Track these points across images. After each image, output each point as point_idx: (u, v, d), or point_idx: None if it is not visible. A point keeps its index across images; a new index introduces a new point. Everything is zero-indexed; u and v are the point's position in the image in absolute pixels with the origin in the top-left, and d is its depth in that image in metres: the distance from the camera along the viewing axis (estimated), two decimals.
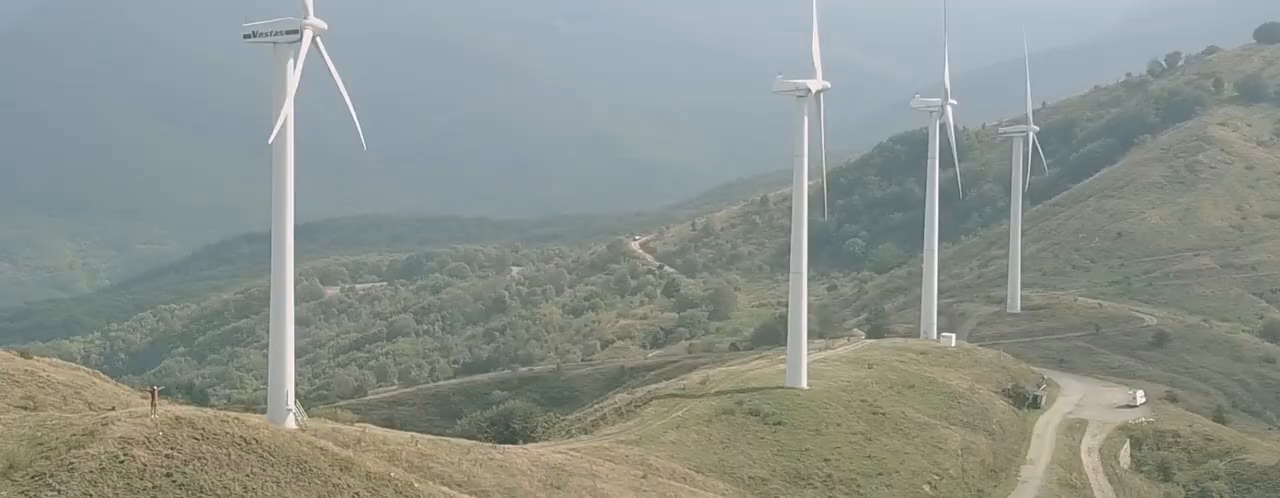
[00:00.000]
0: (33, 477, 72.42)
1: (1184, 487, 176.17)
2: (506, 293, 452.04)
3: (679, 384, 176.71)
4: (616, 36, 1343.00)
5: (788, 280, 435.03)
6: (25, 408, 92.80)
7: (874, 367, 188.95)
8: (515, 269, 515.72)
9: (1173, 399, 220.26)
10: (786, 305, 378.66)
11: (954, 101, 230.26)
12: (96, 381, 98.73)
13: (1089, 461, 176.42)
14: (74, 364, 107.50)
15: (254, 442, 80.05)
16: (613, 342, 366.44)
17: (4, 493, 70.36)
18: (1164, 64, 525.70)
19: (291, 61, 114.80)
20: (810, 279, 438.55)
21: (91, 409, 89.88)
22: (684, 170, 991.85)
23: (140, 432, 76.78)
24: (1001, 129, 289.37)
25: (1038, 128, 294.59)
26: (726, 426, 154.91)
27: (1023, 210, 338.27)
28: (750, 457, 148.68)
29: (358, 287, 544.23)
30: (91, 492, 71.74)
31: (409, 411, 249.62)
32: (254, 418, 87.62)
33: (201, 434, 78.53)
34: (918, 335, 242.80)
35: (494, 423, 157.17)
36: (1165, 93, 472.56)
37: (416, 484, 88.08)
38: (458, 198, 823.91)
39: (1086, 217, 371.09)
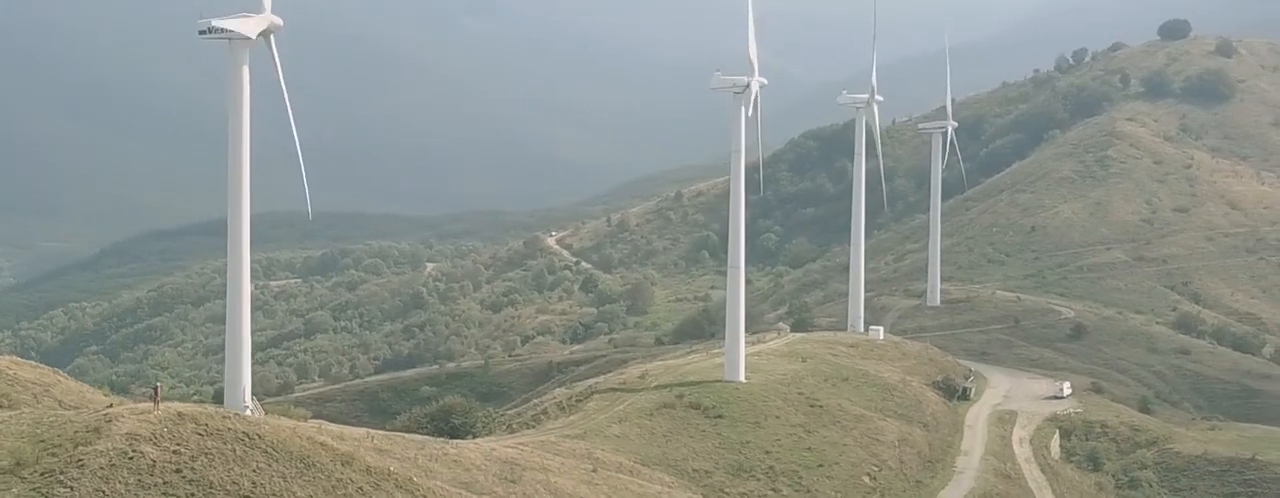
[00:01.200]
0: (42, 474, 72.05)
1: (1114, 476, 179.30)
2: (424, 289, 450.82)
3: (619, 379, 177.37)
4: (521, 34, 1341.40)
5: (704, 276, 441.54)
6: None
7: (808, 360, 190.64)
8: (430, 266, 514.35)
9: (1098, 390, 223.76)
10: (705, 300, 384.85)
11: (880, 98, 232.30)
12: (61, 378, 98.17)
13: (1021, 451, 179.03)
14: (35, 363, 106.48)
15: (257, 438, 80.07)
16: (533, 337, 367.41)
17: (15, 491, 69.99)
18: (1071, 60, 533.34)
19: (272, 58, 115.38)
20: (724, 274, 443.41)
21: (62, 407, 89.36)
22: (589, 167, 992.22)
23: (146, 428, 76.58)
24: (921, 125, 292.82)
25: (956, 123, 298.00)
26: (668, 419, 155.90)
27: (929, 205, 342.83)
28: (693, 450, 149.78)
29: (272, 284, 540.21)
30: (104, 488, 71.48)
31: (338, 407, 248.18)
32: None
33: (205, 430, 78.45)
34: (841, 329, 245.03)
35: (433, 419, 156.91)
36: (1073, 89, 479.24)
37: (416, 479, 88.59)
38: (366, 195, 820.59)
39: (999, 211, 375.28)
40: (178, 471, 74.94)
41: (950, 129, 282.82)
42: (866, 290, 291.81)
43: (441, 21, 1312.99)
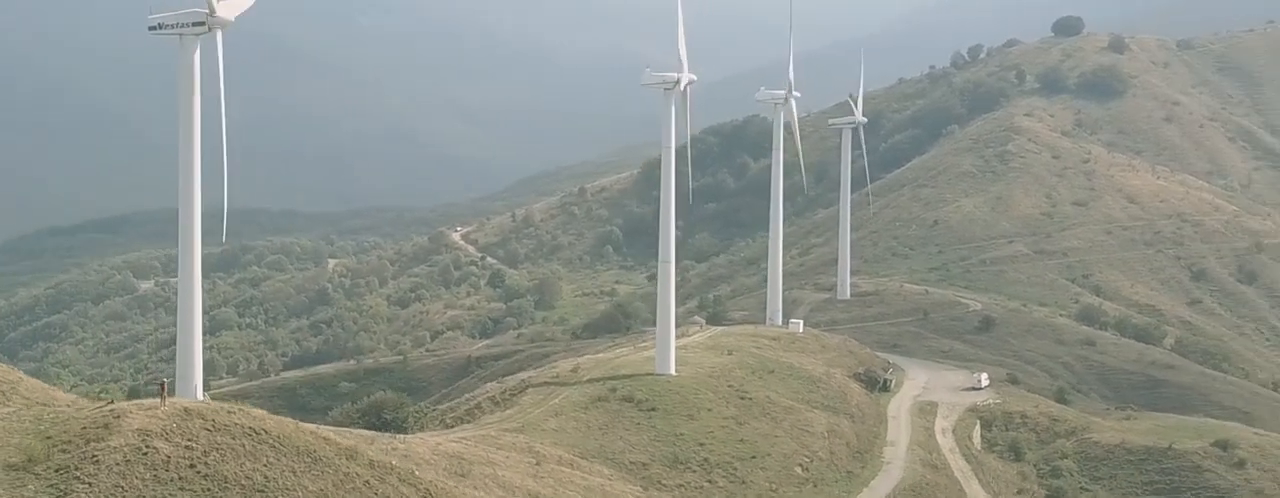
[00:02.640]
0: (57, 470, 71.83)
1: (1035, 466, 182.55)
2: (329, 285, 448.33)
3: (551, 373, 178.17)
4: (415, 30, 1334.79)
5: (609, 271, 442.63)
6: None
7: (733, 353, 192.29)
8: (332, 262, 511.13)
9: (1014, 381, 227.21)
10: (611, 294, 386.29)
11: (798, 94, 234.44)
12: (22, 376, 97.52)
13: (945, 442, 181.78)
14: None
15: (263, 433, 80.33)
16: (443, 332, 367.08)
17: (30, 487, 69.76)
18: (966, 57, 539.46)
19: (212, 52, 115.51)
20: (629, 269, 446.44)
21: (31, 404, 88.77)
22: (485, 164, 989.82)
23: (155, 424, 76.55)
24: (831, 121, 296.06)
25: (866, 119, 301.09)
26: (603, 412, 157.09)
27: (832, 200, 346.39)
28: (629, 442, 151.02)
29: (172, 281, 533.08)
30: (122, 484, 71.35)
31: (257, 404, 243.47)
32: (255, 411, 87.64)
33: (212, 425, 78.52)
34: (755, 322, 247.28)
35: (365, 414, 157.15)
36: (969, 85, 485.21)
37: (417, 473, 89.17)
38: (263, 190, 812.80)
39: (902, 206, 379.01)
40: (191, 466, 75.12)
41: (859, 125, 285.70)
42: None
43: (337, 18, 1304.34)
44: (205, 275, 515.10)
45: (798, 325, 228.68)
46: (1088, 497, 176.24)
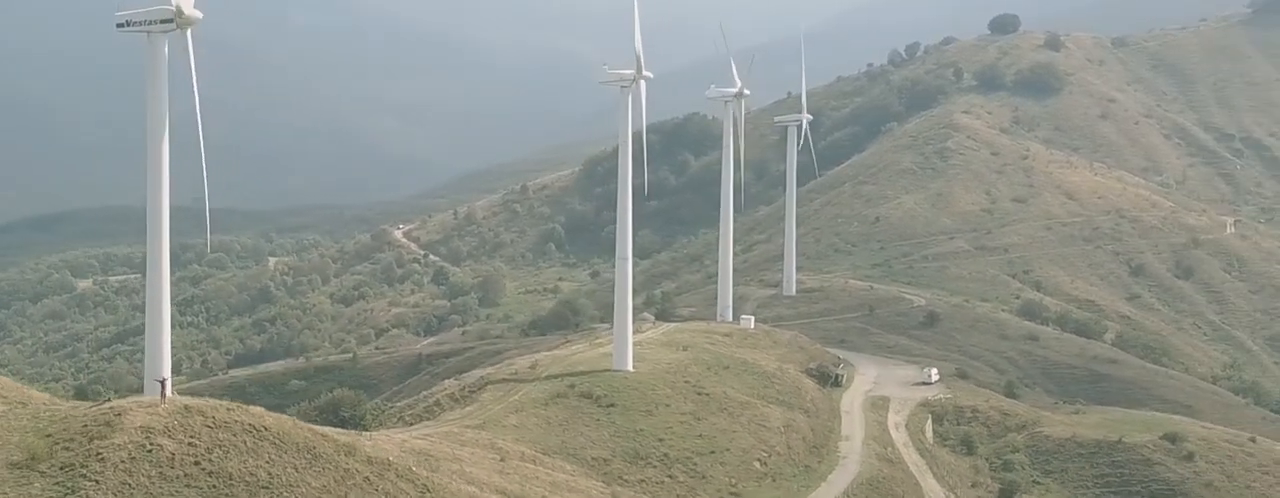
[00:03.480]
0: (61, 467, 71.97)
1: (987, 459, 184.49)
2: (271, 284, 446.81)
3: (510, 370, 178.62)
4: (349, 28, 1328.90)
5: (551, 268, 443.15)
6: None
7: (688, 349, 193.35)
8: (273, 260, 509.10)
9: (963, 376, 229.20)
10: (555, 291, 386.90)
11: (747, 92, 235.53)
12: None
13: (898, 436, 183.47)
14: None
15: (264, 429, 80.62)
16: (388, 330, 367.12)
17: (37, 485, 69.83)
18: (903, 54, 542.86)
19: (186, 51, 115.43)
20: (571, 266, 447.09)
21: (13, 404, 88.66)
22: (421, 161, 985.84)
23: (158, 421, 76.75)
24: (776, 118, 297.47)
25: (811, 116, 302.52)
26: (563, 408, 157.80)
27: (777, 197, 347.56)
28: (590, 438, 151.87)
29: (111, 279, 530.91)
30: (129, 481, 71.56)
31: None
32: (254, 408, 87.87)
33: (213, 423, 78.77)
34: (703, 319, 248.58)
35: (322, 411, 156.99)
36: (907, 82, 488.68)
37: (414, 469, 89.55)
38: (198, 188, 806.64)
39: (843, 203, 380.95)
40: (196, 463, 75.41)
41: (805, 121, 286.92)
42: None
43: (270, 15, 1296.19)
44: (143, 274, 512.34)
45: (749, 321, 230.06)
46: (1040, 490, 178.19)
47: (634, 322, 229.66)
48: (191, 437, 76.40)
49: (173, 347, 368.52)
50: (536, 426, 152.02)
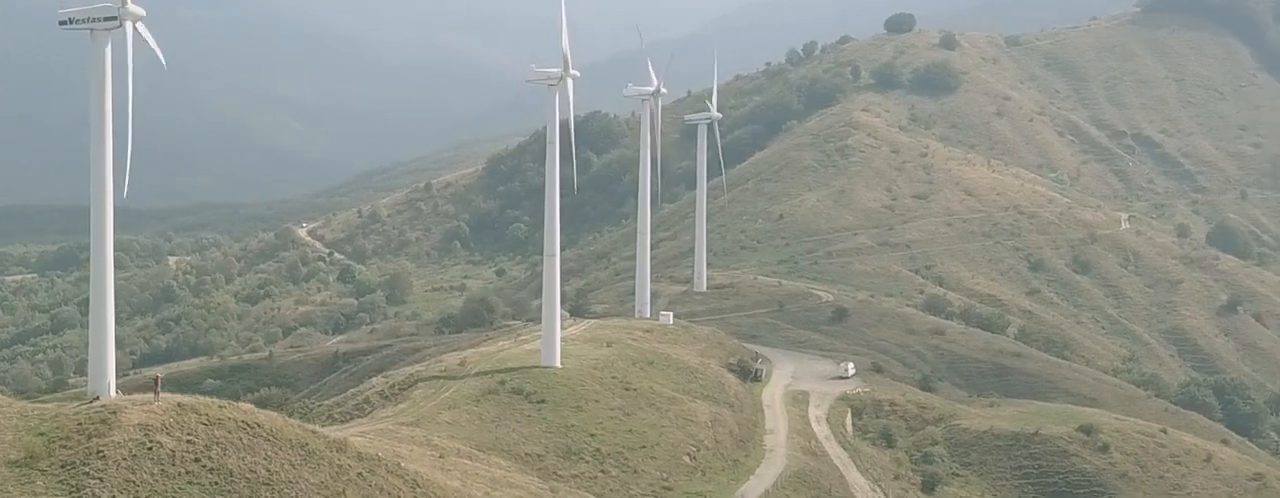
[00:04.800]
0: (62, 465, 72.49)
1: (907, 452, 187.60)
2: (174, 283, 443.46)
3: (440, 367, 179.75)
4: (239, 24, 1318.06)
5: (457, 266, 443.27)
6: None
7: (613, 345, 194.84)
8: (173, 259, 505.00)
9: (878, 370, 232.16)
10: (461, 289, 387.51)
11: (664, 91, 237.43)
12: None
13: (820, 430, 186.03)
14: None
15: (257, 426, 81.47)
16: (296, 328, 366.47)
17: (39, 483, 70.31)
18: (801, 53, 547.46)
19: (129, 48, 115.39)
20: (477, 264, 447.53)
21: None
22: (316, 160, 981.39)
23: (155, 419, 77.43)
24: (687, 117, 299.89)
25: (721, 115, 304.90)
26: (495, 405, 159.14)
27: (680, 195, 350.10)
28: (522, 434, 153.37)
29: (7, 279, 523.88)
30: (132, 478, 72.22)
31: None
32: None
33: (208, 420, 79.53)
34: (616, 315, 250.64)
35: None
36: (806, 81, 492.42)
37: (403, 464, 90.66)
38: (84, 186, 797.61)
39: (747, 200, 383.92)
40: (196, 460, 76.19)
41: (715, 120, 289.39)
42: (634, 277, 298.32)
43: (159, 10, 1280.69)
44: (42, 273, 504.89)
45: (668, 317, 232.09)
46: (960, 482, 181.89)
47: (568, 318, 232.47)
48: (189, 434, 77.23)
49: (75, 348, 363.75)
50: (470, 422, 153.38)
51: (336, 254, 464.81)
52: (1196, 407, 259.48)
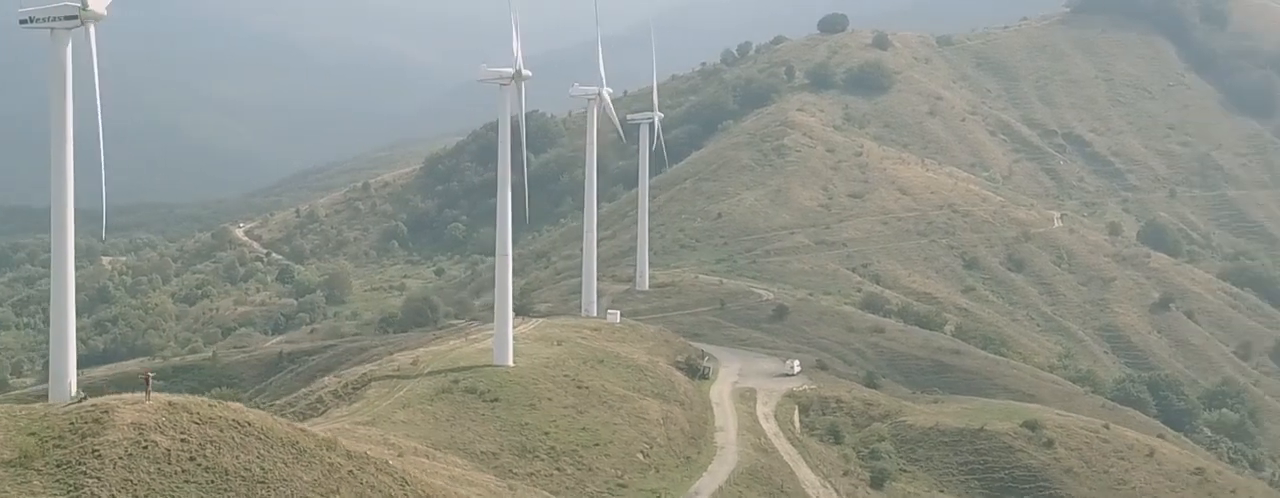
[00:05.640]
0: (58, 465, 72.93)
1: (854, 448, 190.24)
2: (110, 283, 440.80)
3: (393, 366, 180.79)
4: (167, 24, 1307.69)
5: (395, 265, 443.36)
6: None
7: (563, 344, 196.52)
8: (107, 259, 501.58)
9: (823, 367, 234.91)
10: (401, 288, 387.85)
11: (609, 90, 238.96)
12: None
13: (769, 427, 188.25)
14: None
15: (248, 425, 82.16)
16: (235, 329, 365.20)
17: (35, 483, 70.78)
18: (736, 53, 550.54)
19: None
20: (415, 263, 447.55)
21: None
22: (250, 159, 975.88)
23: (148, 418, 78.06)
24: (629, 116, 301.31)
25: (663, 114, 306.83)
26: (449, 404, 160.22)
27: (618, 194, 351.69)
28: (477, 433, 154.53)
29: None
30: (129, 478, 72.78)
31: None
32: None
33: (200, 419, 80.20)
34: (560, 314, 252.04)
35: None
36: (741, 81, 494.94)
37: (391, 462, 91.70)
38: (24, 187, 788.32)
39: (685, 199, 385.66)
40: (191, 459, 76.85)
41: (657, 119, 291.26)
42: (577, 276, 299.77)
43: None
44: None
45: (615, 316, 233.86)
46: (908, 478, 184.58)
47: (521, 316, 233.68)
48: (182, 433, 78.00)
49: (10, 349, 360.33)
50: (425, 421, 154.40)
51: (274, 254, 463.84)
52: (1132, 403, 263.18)
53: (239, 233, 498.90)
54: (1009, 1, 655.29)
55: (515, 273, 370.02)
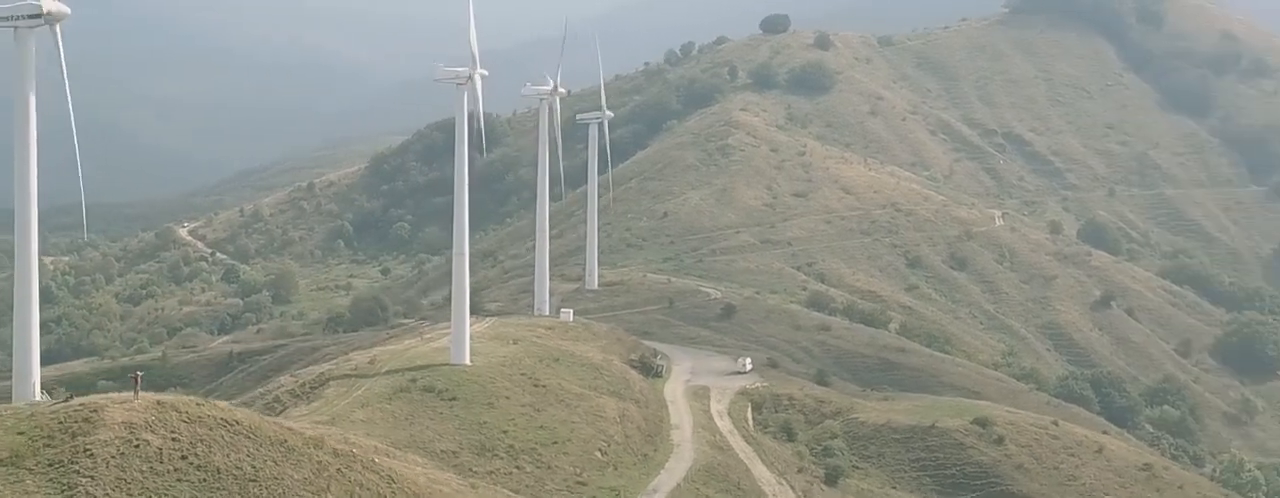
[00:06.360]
0: (50, 464, 73.44)
1: (808, 445, 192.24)
2: (53, 283, 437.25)
3: (350, 365, 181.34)
4: (103, 20, 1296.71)
5: (340, 265, 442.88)
6: None
7: (518, 342, 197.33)
8: (48, 259, 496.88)
9: (774, 365, 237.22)
10: (347, 288, 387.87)
11: (564, 90, 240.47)
12: None
13: (723, 424, 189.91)
14: None
15: (236, 423, 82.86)
16: (181, 329, 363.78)
17: (29, 483, 71.30)
18: (679, 53, 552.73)
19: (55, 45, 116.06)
20: (360, 263, 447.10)
21: None
22: (186, 157, 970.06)
23: (138, 417, 78.64)
24: (579, 116, 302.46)
25: (612, 113, 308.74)
26: (407, 403, 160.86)
27: (562, 194, 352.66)
28: (436, 432, 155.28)
29: None
30: (123, 476, 73.39)
31: None
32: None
33: (189, 417, 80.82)
34: (511, 313, 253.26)
35: None
36: (684, 81, 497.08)
37: (376, 460, 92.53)
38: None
39: (631, 199, 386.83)
40: (183, 457, 77.50)
41: (605, 119, 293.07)
42: (525, 276, 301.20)
43: None
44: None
45: (567, 315, 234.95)
46: (861, 474, 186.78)
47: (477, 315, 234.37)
48: (172, 432, 78.67)
49: None
50: (384, 420, 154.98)
51: (219, 254, 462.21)
52: (1075, 400, 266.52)
53: (183, 233, 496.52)
54: (949, 2, 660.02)
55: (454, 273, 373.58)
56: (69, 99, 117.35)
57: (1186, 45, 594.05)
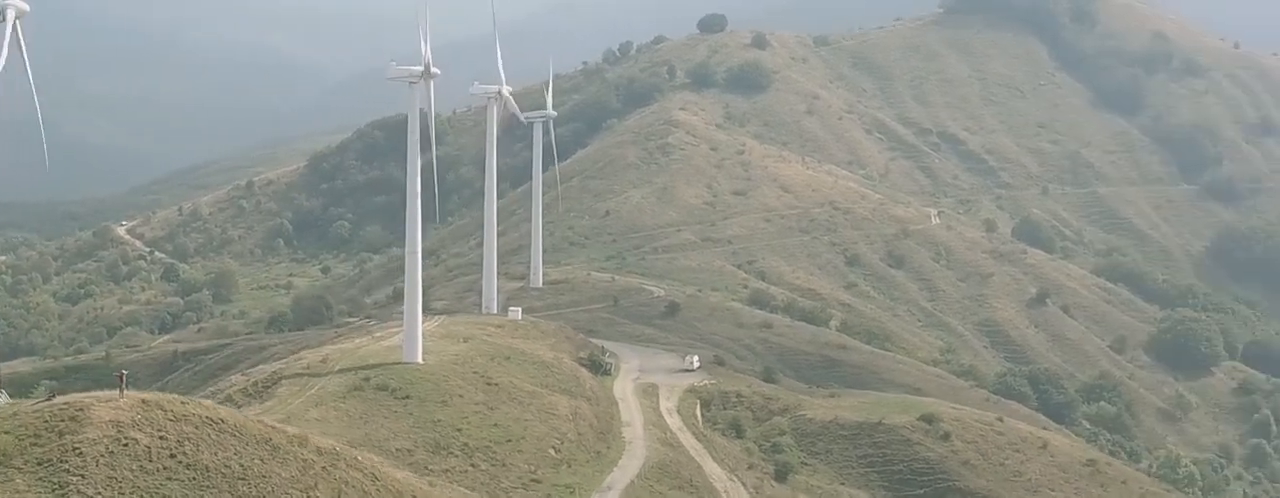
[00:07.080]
0: (39, 463, 74.18)
1: (757, 442, 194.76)
2: None
3: (302, 364, 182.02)
4: (36, 15, 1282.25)
5: (280, 264, 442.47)
6: None
7: (469, 341, 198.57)
8: None
9: (721, 363, 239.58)
10: (288, 287, 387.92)
11: (510, 87, 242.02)
12: None
13: (673, 421, 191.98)
14: None
15: (222, 421, 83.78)
16: (121, 328, 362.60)
17: (18, 481, 72.15)
18: (618, 52, 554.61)
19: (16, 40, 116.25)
20: (300, 262, 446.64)
21: None
22: (121, 155, 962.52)
23: (124, 415, 79.48)
24: (526, 116, 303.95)
25: (556, 113, 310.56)
26: (361, 401, 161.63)
27: (504, 192, 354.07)
28: (391, 430, 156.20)
29: None
30: (113, 474, 74.23)
31: None
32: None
33: (175, 416, 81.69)
34: (455, 312, 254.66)
35: None
36: (623, 80, 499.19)
37: (359, 458, 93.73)
38: None
39: (573, 197, 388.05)
40: (172, 455, 78.36)
41: (551, 119, 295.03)
42: (471, 273, 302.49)
43: None
44: None
45: (516, 313, 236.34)
46: (809, 471, 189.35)
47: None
48: (159, 431, 79.61)
49: None
50: (338, 419, 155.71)
51: (158, 253, 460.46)
52: (1013, 396, 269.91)
53: (121, 231, 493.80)
54: (884, 2, 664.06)
55: (402, 271, 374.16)
56: (36, 99, 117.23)
57: (1118, 44, 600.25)
